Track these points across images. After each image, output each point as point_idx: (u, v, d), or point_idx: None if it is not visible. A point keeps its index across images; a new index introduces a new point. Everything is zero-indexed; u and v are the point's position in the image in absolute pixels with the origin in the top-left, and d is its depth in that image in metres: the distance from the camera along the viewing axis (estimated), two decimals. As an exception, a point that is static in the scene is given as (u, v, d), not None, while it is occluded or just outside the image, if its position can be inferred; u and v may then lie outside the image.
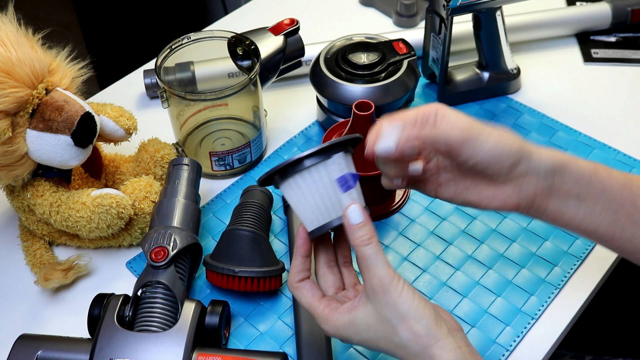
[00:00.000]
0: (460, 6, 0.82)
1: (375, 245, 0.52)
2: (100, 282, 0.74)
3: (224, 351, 0.61)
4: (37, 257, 0.74)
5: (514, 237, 0.75)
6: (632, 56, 0.98)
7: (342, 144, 0.54)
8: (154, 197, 0.73)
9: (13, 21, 0.68)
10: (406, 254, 0.74)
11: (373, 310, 0.52)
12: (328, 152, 0.53)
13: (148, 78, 0.93)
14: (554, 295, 0.70)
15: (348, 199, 0.53)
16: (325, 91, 0.83)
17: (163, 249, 0.65)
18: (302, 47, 0.85)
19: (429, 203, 0.79)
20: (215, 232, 0.78)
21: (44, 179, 0.72)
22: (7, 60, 0.65)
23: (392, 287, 0.51)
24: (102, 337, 0.60)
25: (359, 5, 1.12)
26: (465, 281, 0.72)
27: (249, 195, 0.75)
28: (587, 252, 0.74)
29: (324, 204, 0.53)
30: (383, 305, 0.52)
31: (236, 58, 0.83)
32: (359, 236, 0.52)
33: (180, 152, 0.84)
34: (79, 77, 0.73)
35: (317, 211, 0.54)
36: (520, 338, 0.66)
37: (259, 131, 0.83)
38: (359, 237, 0.52)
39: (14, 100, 0.65)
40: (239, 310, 0.70)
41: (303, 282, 0.57)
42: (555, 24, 1.00)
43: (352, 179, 0.54)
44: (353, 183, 0.53)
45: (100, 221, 0.69)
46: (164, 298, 0.63)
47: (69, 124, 0.68)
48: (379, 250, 0.52)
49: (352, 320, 0.54)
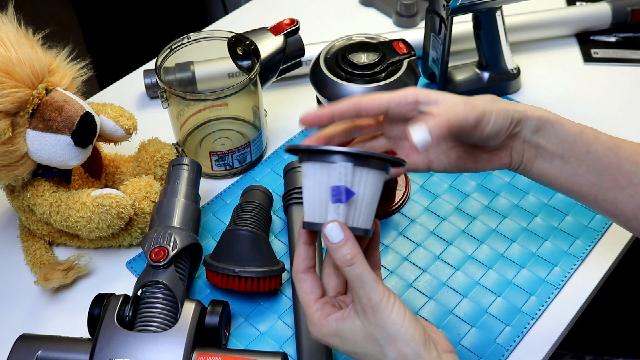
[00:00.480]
0: (460, 6, 0.82)
1: (359, 265, 0.50)
2: (100, 282, 0.74)
3: (224, 351, 0.61)
4: (37, 257, 0.74)
5: (514, 237, 0.75)
6: (632, 56, 0.98)
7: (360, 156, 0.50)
8: (154, 197, 0.73)
9: (13, 21, 0.68)
10: (406, 254, 0.74)
11: (361, 327, 0.51)
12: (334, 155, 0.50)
13: (148, 78, 0.93)
14: (554, 295, 0.70)
15: (333, 212, 0.50)
16: (325, 91, 0.83)
17: (163, 249, 0.65)
18: (302, 47, 0.85)
19: (429, 203, 0.79)
20: (215, 232, 0.78)
21: (44, 179, 0.72)
22: (7, 60, 0.65)
23: (381, 307, 0.50)
24: (102, 337, 0.60)
25: (359, 5, 1.12)
26: (465, 281, 0.72)
27: (249, 195, 0.75)
28: (587, 252, 0.74)
29: (319, 204, 0.51)
30: (372, 324, 0.50)
31: (236, 58, 0.83)
32: (340, 256, 0.50)
33: (180, 152, 0.83)
34: (79, 77, 0.73)
35: (313, 205, 0.52)
36: (520, 338, 0.66)
37: (259, 131, 0.83)
38: (340, 258, 0.50)
39: (14, 100, 0.65)
40: (239, 310, 0.70)
41: (307, 274, 0.54)
42: (555, 24, 1.00)
43: (346, 194, 0.50)
44: (344, 199, 0.50)
45: (100, 221, 0.69)
46: (164, 298, 0.63)
47: (69, 124, 0.68)
48: (364, 270, 0.50)
49: (338, 332, 0.52)
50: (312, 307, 0.53)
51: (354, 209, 0.51)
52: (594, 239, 0.75)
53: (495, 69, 0.90)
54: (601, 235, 0.75)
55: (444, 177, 0.82)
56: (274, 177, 0.84)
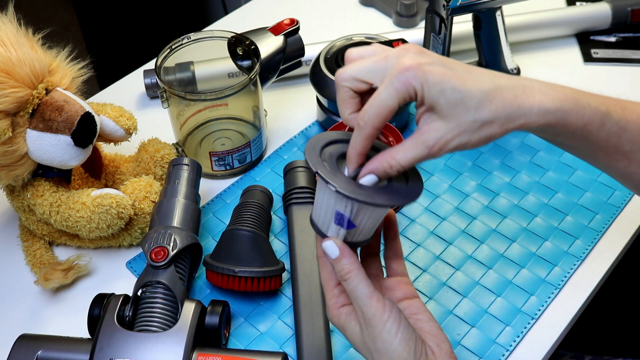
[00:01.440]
0: (460, 6, 0.82)
1: (353, 279, 0.52)
2: (100, 282, 0.74)
3: (224, 351, 0.61)
4: (37, 257, 0.74)
5: (514, 237, 0.75)
6: (632, 56, 0.98)
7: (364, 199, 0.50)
8: (154, 197, 0.73)
9: (13, 21, 0.68)
10: (406, 254, 0.74)
11: (360, 332, 0.53)
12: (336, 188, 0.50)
13: (148, 78, 0.93)
14: (554, 295, 0.70)
15: (334, 230, 0.53)
16: (325, 91, 0.83)
17: (163, 249, 0.65)
18: (302, 47, 0.85)
19: (429, 203, 0.79)
20: (215, 232, 0.78)
21: (44, 179, 0.72)
22: (7, 60, 0.65)
23: (373, 323, 0.51)
24: (102, 337, 0.60)
25: (359, 5, 1.12)
26: (465, 281, 0.72)
27: (249, 195, 0.75)
28: (587, 252, 0.74)
29: (324, 213, 0.53)
30: (365, 335, 0.52)
31: (236, 58, 0.83)
32: (338, 270, 0.53)
33: (180, 152, 0.83)
34: (79, 77, 0.73)
35: (319, 210, 0.54)
36: (520, 338, 0.66)
37: (259, 131, 0.83)
38: (338, 272, 0.53)
39: (14, 100, 0.65)
40: (239, 310, 0.70)
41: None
42: (555, 24, 1.00)
43: (347, 224, 0.52)
44: (345, 227, 0.52)
45: (100, 221, 0.69)
46: (164, 298, 0.63)
47: (69, 124, 0.68)
48: (358, 284, 0.52)
49: (344, 326, 0.54)
50: (330, 291, 0.55)
51: (353, 232, 0.53)
52: (594, 239, 0.75)
53: (495, 69, 0.90)
54: (601, 235, 0.75)
55: (444, 177, 0.82)
56: (274, 177, 0.84)
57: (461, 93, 0.48)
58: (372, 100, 0.50)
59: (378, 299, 0.51)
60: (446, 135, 0.50)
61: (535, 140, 0.86)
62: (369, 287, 0.52)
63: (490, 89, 0.49)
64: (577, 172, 0.82)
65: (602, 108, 0.53)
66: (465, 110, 0.49)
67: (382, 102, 0.49)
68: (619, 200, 0.79)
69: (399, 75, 0.49)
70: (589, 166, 0.82)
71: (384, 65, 0.50)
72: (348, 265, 0.52)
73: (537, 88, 0.51)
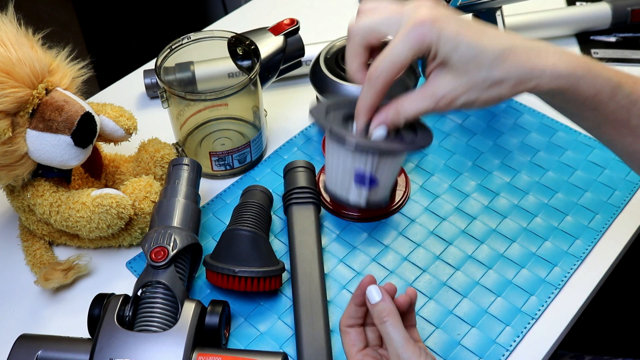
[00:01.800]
0: (460, 6, 0.82)
1: (390, 323, 0.54)
2: (100, 282, 0.74)
3: (224, 351, 0.61)
4: (37, 257, 0.74)
5: (514, 237, 0.75)
6: (632, 56, 0.98)
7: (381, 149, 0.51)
8: (154, 197, 0.73)
9: (13, 21, 0.68)
10: (406, 254, 0.74)
11: None
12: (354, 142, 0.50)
13: (148, 78, 0.93)
14: (554, 295, 0.70)
15: (355, 192, 0.53)
16: (325, 91, 0.83)
17: (163, 249, 0.65)
18: (302, 47, 0.85)
19: (429, 203, 0.79)
20: (215, 232, 0.78)
21: (44, 179, 0.72)
22: (7, 60, 0.65)
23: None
24: (102, 337, 0.60)
25: (358, 5, 1.12)
26: (465, 281, 0.72)
27: (249, 195, 0.75)
28: (587, 252, 0.74)
29: (342, 178, 0.53)
30: None
31: (236, 58, 0.83)
32: (377, 314, 0.55)
33: (180, 152, 0.84)
34: (79, 77, 0.73)
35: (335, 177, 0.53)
36: (520, 338, 0.66)
37: (259, 131, 0.83)
38: (376, 315, 0.55)
39: (14, 100, 0.65)
40: (239, 310, 0.70)
41: (352, 328, 0.59)
42: (555, 24, 1.00)
43: (369, 181, 0.52)
44: (366, 184, 0.52)
45: (100, 221, 0.69)
46: (164, 298, 0.63)
47: (69, 124, 0.68)
48: (395, 327, 0.54)
49: None
50: (354, 357, 0.57)
51: (375, 190, 0.53)
52: (594, 239, 0.75)
53: (495, 69, 0.90)
54: (601, 235, 0.75)
55: (444, 177, 0.82)
56: (274, 177, 0.84)
57: (475, 50, 0.48)
58: (385, 53, 0.49)
59: (413, 343, 0.54)
60: (455, 90, 0.49)
61: (535, 140, 0.86)
62: (405, 332, 0.54)
63: (505, 48, 0.49)
64: (577, 172, 0.82)
65: (614, 79, 0.52)
66: (478, 68, 0.48)
67: (395, 55, 0.49)
68: (619, 200, 0.79)
69: (415, 28, 0.48)
70: (589, 166, 0.82)
71: (400, 17, 0.50)
72: (387, 308, 0.55)
73: (552, 51, 0.51)
